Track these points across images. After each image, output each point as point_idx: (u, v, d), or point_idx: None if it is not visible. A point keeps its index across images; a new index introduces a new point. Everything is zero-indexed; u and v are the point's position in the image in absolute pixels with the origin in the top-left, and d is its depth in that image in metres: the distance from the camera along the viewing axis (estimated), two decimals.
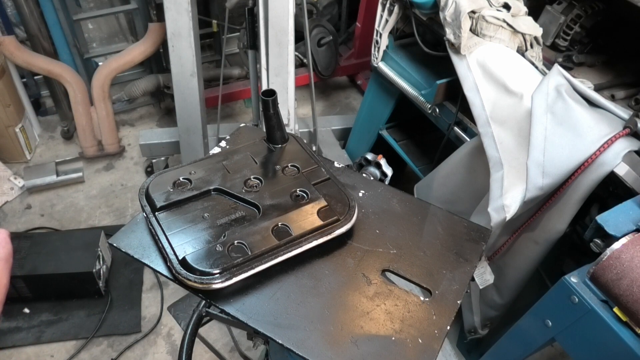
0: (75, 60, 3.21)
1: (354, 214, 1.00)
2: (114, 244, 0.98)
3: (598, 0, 1.98)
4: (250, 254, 0.91)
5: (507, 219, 1.53)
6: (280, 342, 0.85)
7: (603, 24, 1.99)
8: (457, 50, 1.80)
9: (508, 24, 1.78)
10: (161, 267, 0.94)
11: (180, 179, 1.05)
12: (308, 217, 0.98)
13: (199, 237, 0.94)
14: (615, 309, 1.14)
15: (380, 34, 2.28)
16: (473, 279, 1.60)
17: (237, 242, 0.93)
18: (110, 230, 2.68)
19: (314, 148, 2.92)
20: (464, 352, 2.20)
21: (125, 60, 3.05)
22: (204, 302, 1.34)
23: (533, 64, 1.81)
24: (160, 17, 2.97)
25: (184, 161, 2.65)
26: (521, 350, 1.47)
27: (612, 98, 1.85)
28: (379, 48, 2.33)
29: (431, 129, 2.29)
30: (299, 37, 2.59)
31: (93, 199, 3.03)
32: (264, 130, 1.18)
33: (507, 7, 1.83)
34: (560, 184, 1.50)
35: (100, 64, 3.20)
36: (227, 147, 1.22)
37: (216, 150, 1.20)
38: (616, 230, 1.18)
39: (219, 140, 2.92)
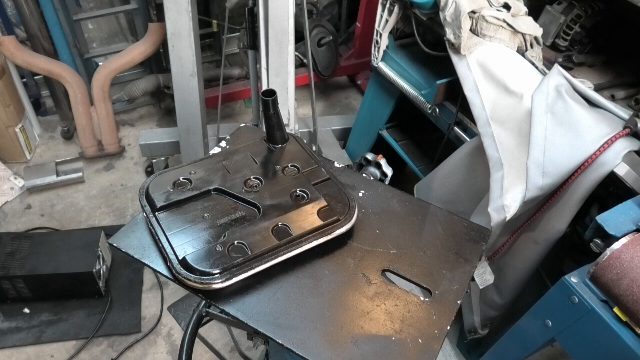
0: (75, 60, 3.21)
1: (354, 214, 1.00)
2: (114, 244, 0.98)
3: (598, 0, 1.98)
4: (250, 254, 0.91)
5: (507, 219, 1.53)
6: (280, 342, 0.85)
7: (603, 24, 1.99)
8: (457, 50, 1.80)
9: (508, 24, 1.78)
10: (161, 267, 0.94)
11: (180, 179, 1.06)
12: (308, 217, 0.98)
13: (199, 237, 0.94)
14: (615, 309, 1.14)
15: (380, 34, 2.28)
16: (473, 279, 1.59)
17: (237, 242, 0.93)
18: (110, 230, 2.68)
19: (314, 148, 2.92)
20: (464, 352, 2.20)
21: (125, 60, 3.05)
22: (204, 302, 1.34)
23: (533, 64, 1.81)
24: (160, 17, 2.97)
25: (184, 161, 2.65)
26: (521, 350, 1.47)
27: (612, 98, 1.85)
28: (379, 48, 2.33)
29: (431, 129, 2.28)
30: (299, 37, 2.58)
31: (93, 199, 3.03)
32: (264, 130, 1.18)
33: (507, 7, 1.83)
34: (560, 184, 1.50)
35: (100, 64, 3.19)
36: (227, 147, 1.22)
37: (216, 150, 1.20)
38: (616, 230, 1.18)
39: (219, 140, 2.92)
